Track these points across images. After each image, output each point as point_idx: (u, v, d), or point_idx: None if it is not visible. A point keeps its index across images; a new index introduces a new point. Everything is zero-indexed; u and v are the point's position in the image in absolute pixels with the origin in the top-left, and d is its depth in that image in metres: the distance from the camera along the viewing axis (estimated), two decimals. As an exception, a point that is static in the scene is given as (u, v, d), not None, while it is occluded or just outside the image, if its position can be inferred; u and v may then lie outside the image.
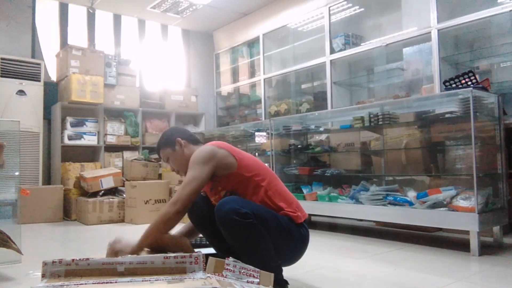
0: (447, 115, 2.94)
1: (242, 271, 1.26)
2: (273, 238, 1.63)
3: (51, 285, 1.10)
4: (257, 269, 1.33)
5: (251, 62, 5.83)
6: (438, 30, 3.57)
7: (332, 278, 2.12)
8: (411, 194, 2.98)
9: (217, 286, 1.12)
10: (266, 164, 3.07)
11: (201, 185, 1.67)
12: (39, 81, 4.71)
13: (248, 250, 1.60)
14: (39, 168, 4.63)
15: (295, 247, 1.76)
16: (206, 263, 1.28)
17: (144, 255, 1.28)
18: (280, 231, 1.66)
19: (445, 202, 2.74)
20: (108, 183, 4.53)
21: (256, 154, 4.50)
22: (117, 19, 5.88)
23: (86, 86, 4.84)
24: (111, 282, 1.13)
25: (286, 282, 1.70)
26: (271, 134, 4.09)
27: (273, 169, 3.99)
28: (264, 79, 5.47)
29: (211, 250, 1.99)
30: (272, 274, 1.42)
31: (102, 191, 4.49)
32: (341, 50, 4.47)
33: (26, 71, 4.63)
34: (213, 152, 1.72)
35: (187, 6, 5.54)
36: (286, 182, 3.96)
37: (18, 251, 2.15)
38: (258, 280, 1.29)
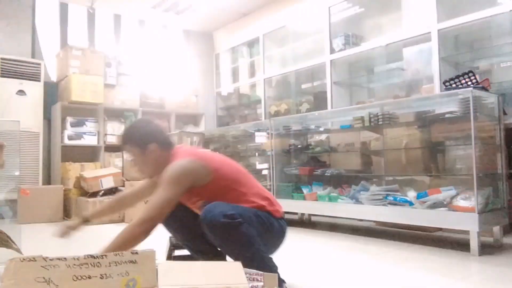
0: (447, 115, 2.94)
1: (246, 276, 1.24)
2: (260, 235, 1.64)
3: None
4: (260, 272, 1.32)
5: (251, 62, 5.83)
6: (438, 30, 3.57)
7: (332, 278, 2.12)
8: (411, 194, 2.98)
9: None
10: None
11: (173, 206, 1.61)
12: (39, 81, 4.71)
13: (244, 253, 1.58)
14: (39, 168, 4.63)
15: (277, 240, 1.79)
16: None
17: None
18: (263, 227, 1.68)
19: (445, 202, 2.74)
20: (108, 183, 4.52)
21: (256, 154, 4.50)
22: (117, 19, 5.88)
23: (86, 86, 4.84)
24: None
25: (283, 281, 1.69)
26: (271, 134, 4.09)
27: (273, 169, 3.99)
28: (264, 79, 5.46)
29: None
30: (276, 275, 1.42)
31: (102, 191, 4.48)
32: (341, 50, 4.46)
33: (26, 71, 4.63)
34: (189, 169, 1.65)
35: (187, 6, 5.54)
36: (286, 182, 3.97)
37: (18, 251, 2.15)
38: (262, 283, 1.28)
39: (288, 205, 3.84)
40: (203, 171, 1.67)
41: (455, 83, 2.98)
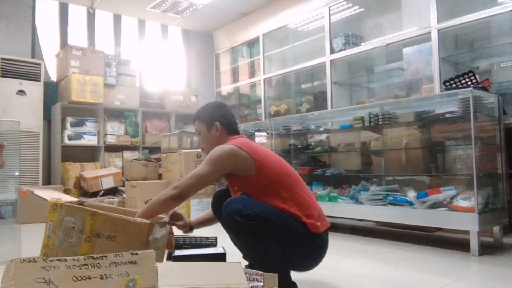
0: (447, 115, 2.94)
1: (246, 276, 1.25)
2: (281, 242, 1.60)
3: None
4: (260, 272, 1.32)
5: (251, 62, 5.83)
6: (438, 30, 3.57)
7: (332, 278, 2.11)
8: (411, 194, 2.98)
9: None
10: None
11: (204, 184, 1.67)
12: (39, 81, 4.71)
13: (251, 252, 1.61)
14: (39, 168, 4.63)
15: (308, 255, 1.70)
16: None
17: None
18: (290, 236, 1.61)
19: (445, 202, 2.74)
20: (108, 183, 4.53)
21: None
22: (117, 19, 5.88)
23: (86, 86, 4.85)
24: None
25: (294, 284, 1.69)
26: (271, 134, 4.09)
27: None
28: (264, 79, 5.46)
29: (212, 250, 1.98)
30: (276, 275, 1.42)
31: (102, 191, 4.49)
32: (341, 50, 4.46)
33: (26, 71, 4.63)
34: (231, 154, 1.66)
35: (187, 6, 5.54)
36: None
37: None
38: (262, 283, 1.29)
39: (288, 205, 3.84)
40: (247, 161, 1.67)
41: (455, 83, 2.98)
